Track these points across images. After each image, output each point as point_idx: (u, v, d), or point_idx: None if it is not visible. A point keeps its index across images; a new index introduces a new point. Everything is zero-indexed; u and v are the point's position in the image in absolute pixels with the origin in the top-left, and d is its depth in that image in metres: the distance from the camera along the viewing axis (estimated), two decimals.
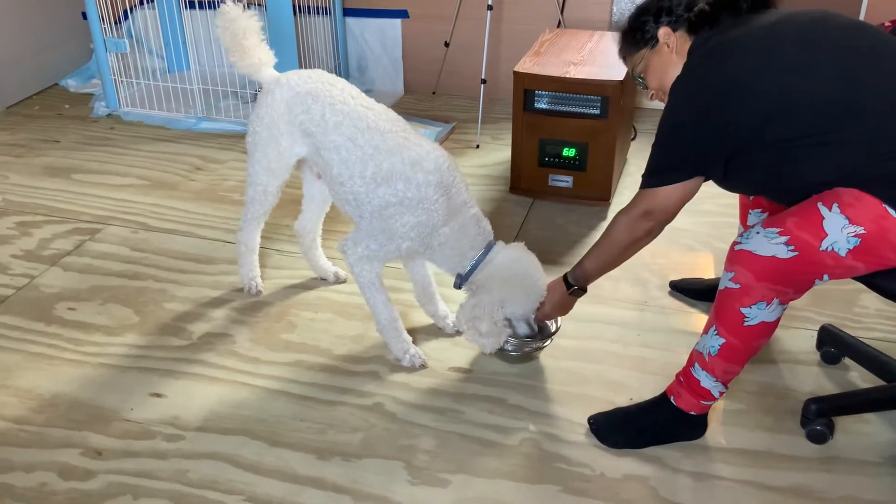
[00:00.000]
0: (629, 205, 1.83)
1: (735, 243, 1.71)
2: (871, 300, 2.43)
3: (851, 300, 2.45)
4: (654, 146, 1.78)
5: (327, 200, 2.45)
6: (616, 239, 1.86)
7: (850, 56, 1.62)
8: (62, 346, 2.30)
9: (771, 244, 1.64)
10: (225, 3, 2.26)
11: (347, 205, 2.14)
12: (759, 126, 1.64)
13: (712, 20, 1.75)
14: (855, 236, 1.57)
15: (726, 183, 1.82)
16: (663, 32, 1.81)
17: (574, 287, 2.01)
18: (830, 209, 1.59)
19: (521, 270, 2.07)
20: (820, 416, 1.92)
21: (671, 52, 1.81)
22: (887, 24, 3.22)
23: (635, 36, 1.87)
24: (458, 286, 2.15)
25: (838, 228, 1.58)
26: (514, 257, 2.09)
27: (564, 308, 2.10)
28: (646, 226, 1.80)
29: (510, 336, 2.11)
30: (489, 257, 2.08)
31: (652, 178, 1.77)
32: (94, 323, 2.40)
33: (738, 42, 1.67)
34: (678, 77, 1.72)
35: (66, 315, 2.44)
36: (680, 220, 1.78)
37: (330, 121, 2.11)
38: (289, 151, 2.23)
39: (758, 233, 1.67)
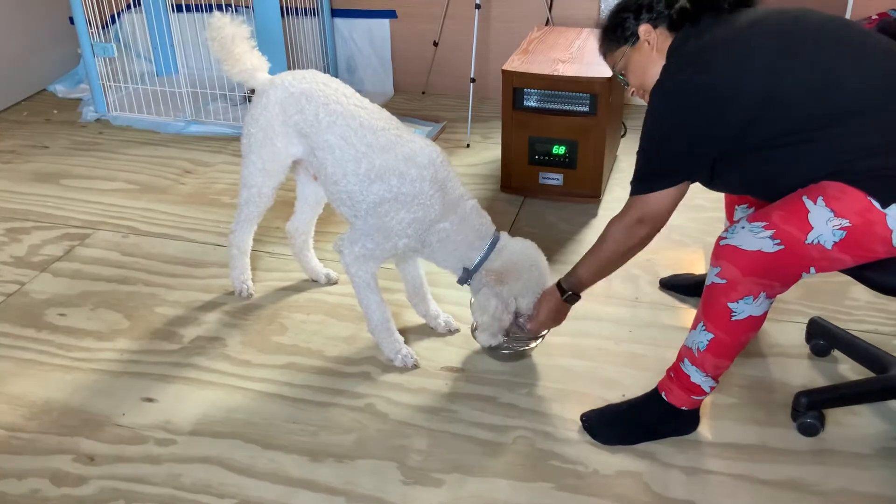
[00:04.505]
0: (622, 213, 1.81)
1: (720, 238, 1.71)
2: (861, 292, 2.44)
3: (841, 293, 2.45)
4: (639, 152, 1.77)
5: (320, 202, 2.44)
6: (610, 247, 1.85)
7: (829, 53, 1.62)
8: (53, 353, 2.29)
9: (756, 238, 1.64)
10: (212, 7, 2.25)
11: (342, 204, 2.14)
12: (742, 128, 1.64)
13: (693, 18, 1.74)
14: (840, 229, 1.58)
15: (712, 184, 1.82)
16: (644, 29, 1.80)
17: (569, 293, 1.99)
18: (815, 202, 1.59)
19: (536, 260, 2.08)
20: (810, 409, 1.93)
21: (652, 49, 1.80)
22: (874, 17, 3.23)
23: (616, 32, 1.86)
24: (463, 281, 2.12)
25: (823, 221, 1.58)
26: (526, 246, 2.10)
27: (559, 317, 2.08)
28: (640, 233, 1.79)
29: (504, 334, 2.11)
30: (500, 245, 2.08)
31: (641, 184, 1.76)
32: (85, 328, 2.39)
33: (716, 44, 1.67)
34: (658, 81, 1.71)
35: (56, 321, 2.43)
36: (671, 216, 1.78)
37: (323, 121, 2.11)
38: (284, 152, 2.22)
39: (743, 227, 1.67)
